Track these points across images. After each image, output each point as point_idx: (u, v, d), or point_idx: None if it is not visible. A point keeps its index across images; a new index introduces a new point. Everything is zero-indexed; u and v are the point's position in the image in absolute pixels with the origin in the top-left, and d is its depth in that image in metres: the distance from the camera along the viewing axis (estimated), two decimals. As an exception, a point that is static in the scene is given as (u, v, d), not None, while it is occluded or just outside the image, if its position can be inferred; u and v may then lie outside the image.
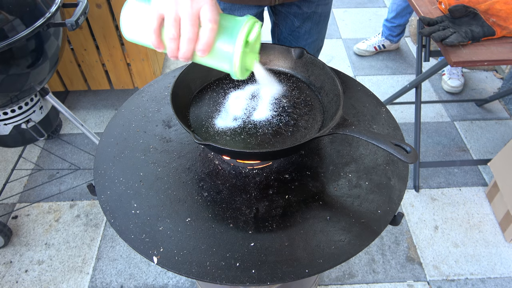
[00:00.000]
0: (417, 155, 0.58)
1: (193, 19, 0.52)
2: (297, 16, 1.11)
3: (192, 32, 0.52)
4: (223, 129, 0.74)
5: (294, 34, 1.17)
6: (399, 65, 2.47)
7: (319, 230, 0.66)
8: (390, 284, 1.45)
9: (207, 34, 0.52)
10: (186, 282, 1.44)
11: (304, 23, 1.13)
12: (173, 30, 0.52)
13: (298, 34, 1.16)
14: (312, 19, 1.13)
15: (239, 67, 0.57)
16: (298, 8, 1.09)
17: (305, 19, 1.12)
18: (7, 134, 1.47)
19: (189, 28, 0.52)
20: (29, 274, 1.47)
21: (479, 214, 1.66)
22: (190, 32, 0.52)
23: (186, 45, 0.53)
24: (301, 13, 1.10)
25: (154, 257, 0.62)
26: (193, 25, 0.52)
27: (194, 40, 0.53)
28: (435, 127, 2.05)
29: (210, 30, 0.52)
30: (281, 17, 1.15)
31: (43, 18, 1.14)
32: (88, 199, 1.71)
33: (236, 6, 1.06)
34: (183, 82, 0.76)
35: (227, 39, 0.55)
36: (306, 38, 1.17)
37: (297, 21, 1.13)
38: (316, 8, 1.11)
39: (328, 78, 0.77)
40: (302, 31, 1.15)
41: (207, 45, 0.53)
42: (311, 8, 1.09)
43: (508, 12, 1.31)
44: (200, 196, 0.71)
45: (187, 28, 0.52)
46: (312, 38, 1.19)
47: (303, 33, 1.16)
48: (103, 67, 1.99)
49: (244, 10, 1.07)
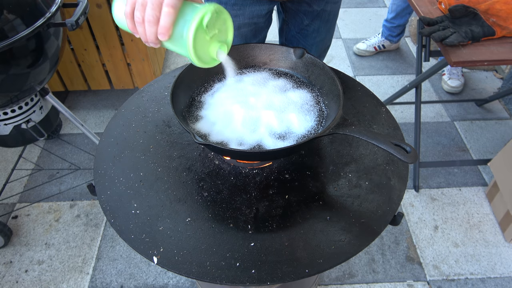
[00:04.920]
0: (417, 155, 0.58)
1: (155, 3, 0.54)
2: (306, 14, 1.11)
3: (152, 15, 0.55)
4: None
5: (303, 32, 1.16)
6: (399, 65, 2.47)
7: (319, 230, 0.66)
8: (390, 284, 1.45)
9: (164, 18, 0.55)
10: (186, 282, 1.44)
11: (313, 21, 1.13)
12: (138, 14, 0.56)
13: (306, 32, 1.16)
14: (321, 18, 1.12)
15: (194, 52, 0.58)
16: (308, 5, 1.09)
17: (314, 17, 1.12)
18: (7, 134, 1.47)
19: (150, 11, 0.55)
20: (29, 274, 1.47)
21: (479, 214, 1.66)
22: (150, 15, 0.55)
23: (148, 28, 0.56)
24: (311, 10, 1.10)
25: (154, 257, 0.62)
26: (153, 9, 0.55)
27: (154, 23, 0.56)
28: (435, 127, 2.05)
29: (167, 13, 0.55)
30: (291, 15, 1.15)
31: (43, 18, 1.14)
32: (88, 199, 1.71)
33: (247, 2, 1.05)
34: (183, 82, 0.76)
35: (183, 24, 0.57)
36: (315, 36, 1.17)
37: (306, 19, 1.12)
38: (326, 6, 1.10)
39: (328, 78, 0.77)
40: (311, 30, 1.15)
41: (165, 28, 0.56)
42: (321, 5, 1.09)
43: (508, 12, 1.31)
44: (200, 196, 0.71)
45: (148, 12, 0.55)
46: (321, 37, 1.18)
47: (312, 31, 1.15)
48: (103, 67, 1.99)
49: (256, 6, 1.06)
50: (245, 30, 1.12)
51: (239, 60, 0.85)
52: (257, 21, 1.10)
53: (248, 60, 0.86)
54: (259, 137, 0.71)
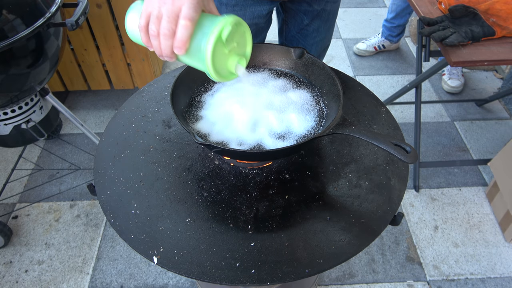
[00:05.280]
0: (417, 155, 0.58)
1: (171, 16, 0.53)
2: (306, 14, 1.11)
3: (168, 29, 0.53)
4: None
5: (303, 32, 1.17)
6: (399, 65, 2.47)
7: (319, 230, 0.66)
8: (390, 284, 1.45)
9: (180, 31, 0.53)
10: (186, 282, 1.44)
11: (313, 20, 1.13)
12: (153, 27, 0.54)
13: (306, 32, 1.16)
14: (321, 17, 1.13)
15: (212, 67, 0.56)
16: (309, 5, 1.09)
17: (314, 17, 1.12)
18: (7, 134, 1.47)
19: (165, 24, 0.53)
20: (29, 274, 1.47)
21: (479, 214, 1.66)
22: (165, 28, 0.53)
23: (163, 42, 0.54)
24: (311, 10, 1.10)
25: (154, 257, 0.62)
26: (169, 22, 0.53)
27: (170, 36, 0.54)
28: (435, 127, 2.05)
29: (184, 26, 0.53)
30: (290, 15, 1.15)
31: (43, 18, 1.14)
32: (88, 199, 1.71)
33: (248, 2, 1.05)
34: (183, 82, 0.76)
35: (201, 37, 0.55)
36: (314, 36, 1.17)
37: (306, 19, 1.13)
38: (326, 6, 1.10)
39: (328, 78, 0.77)
40: (311, 29, 1.15)
41: (181, 41, 0.54)
42: (321, 5, 1.09)
43: (508, 12, 1.31)
44: (200, 196, 0.71)
45: (163, 25, 0.53)
46: (320, 37, 1.18)
47: (312, 31, 1.16)
48: (103, 67, 1.99)
49: (257, 7, 1.06)
50: None
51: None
52: (258, 22, 1.11)
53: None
54: (259, 137, 0.71)
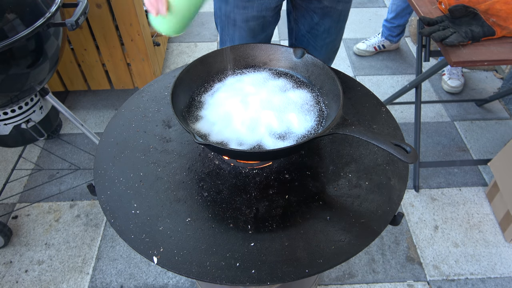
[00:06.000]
0: (417, 155, 0.58)
1: None
2: (316, 11, 1.10)
3: None
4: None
5: (313, 32, 1.15)
6: (399, 65, 2.47)
7: (319, 230, 0.66)
8: (390, 284, 1.45)
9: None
10: (186, 282, 1.44)
11: (323, 19, 1.11)
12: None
13: (316, 32, 1.15)
14: (332, 17, 1.11)
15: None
16: (318, 2, 1.08)
17: (325, 15, 1.10)
18: (7, 134, 1.47)
19: None
20: (29, 274, 1.47)
21: (479, 214, 1.66)
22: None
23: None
24: (321, 7, 1.09)
25: (154, 257, 0.62)
26: None
27: None
28: (435, 127, 2.05)
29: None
30: (300, 12, 1.14)
31: (43, 18, 1.14)
32: (88, 199, 1.71)
33: None
34: (183, 82, 0.76)
35: None
36: (325, 37, 1.15)
37: (316, 17, 1.11)
38: (337, 5, 1.09)
39: (328, 78, 0.77)
40: (321, 29, 1.14)
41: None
42: (332, 3, 1.08)
43: (508, 12, 1.31)
44: (200, 196, 0.71)
45: None
46: (331, 38, 1.16)
47: (322, 31, 1.14)
48: (103, 67, 1.99)
49: (266, 2, 1.06)
50: (253, 24, 1.11)
51: (239, 60, 0.85)
52: (265, 15, 1.09)
53: (248, 60, 0.86)
54: (259, 137, 0.71)
